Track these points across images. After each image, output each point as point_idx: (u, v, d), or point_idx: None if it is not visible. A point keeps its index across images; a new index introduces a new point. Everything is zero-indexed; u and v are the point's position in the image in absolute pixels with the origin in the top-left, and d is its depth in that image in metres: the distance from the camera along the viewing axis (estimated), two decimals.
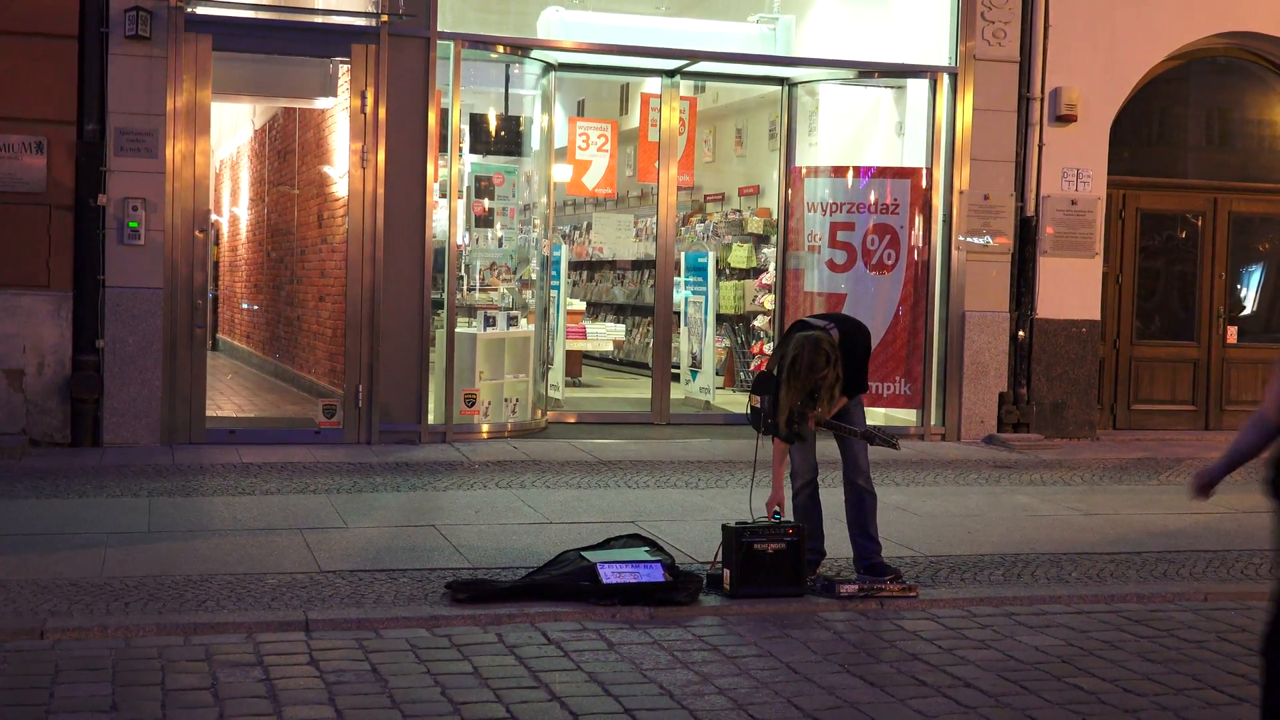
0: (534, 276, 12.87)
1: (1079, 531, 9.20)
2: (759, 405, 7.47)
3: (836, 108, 14.15)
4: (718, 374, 15.10)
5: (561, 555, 7.48)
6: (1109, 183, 13.28)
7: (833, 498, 7.85)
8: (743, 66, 13.79)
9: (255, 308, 19.15)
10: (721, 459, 11.45)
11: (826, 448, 7.77)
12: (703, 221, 17.81)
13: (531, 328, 12.72)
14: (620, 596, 6.90)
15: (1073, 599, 7.44)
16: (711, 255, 15.05)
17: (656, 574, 7.06)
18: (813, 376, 7.15)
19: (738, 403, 15.02)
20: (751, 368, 15.82)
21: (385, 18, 11.54)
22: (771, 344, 14.04)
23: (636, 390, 15.75)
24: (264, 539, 8.19)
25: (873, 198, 12.84)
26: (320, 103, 13.63)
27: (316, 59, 12.35)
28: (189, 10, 11.20)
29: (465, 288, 12.50)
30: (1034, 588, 7.64)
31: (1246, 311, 14.51)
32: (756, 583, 7.13)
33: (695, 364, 14.91)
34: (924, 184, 12.81)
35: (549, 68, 12.78)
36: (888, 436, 7.59)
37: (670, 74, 13.39)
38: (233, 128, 20.91)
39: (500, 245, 12.82)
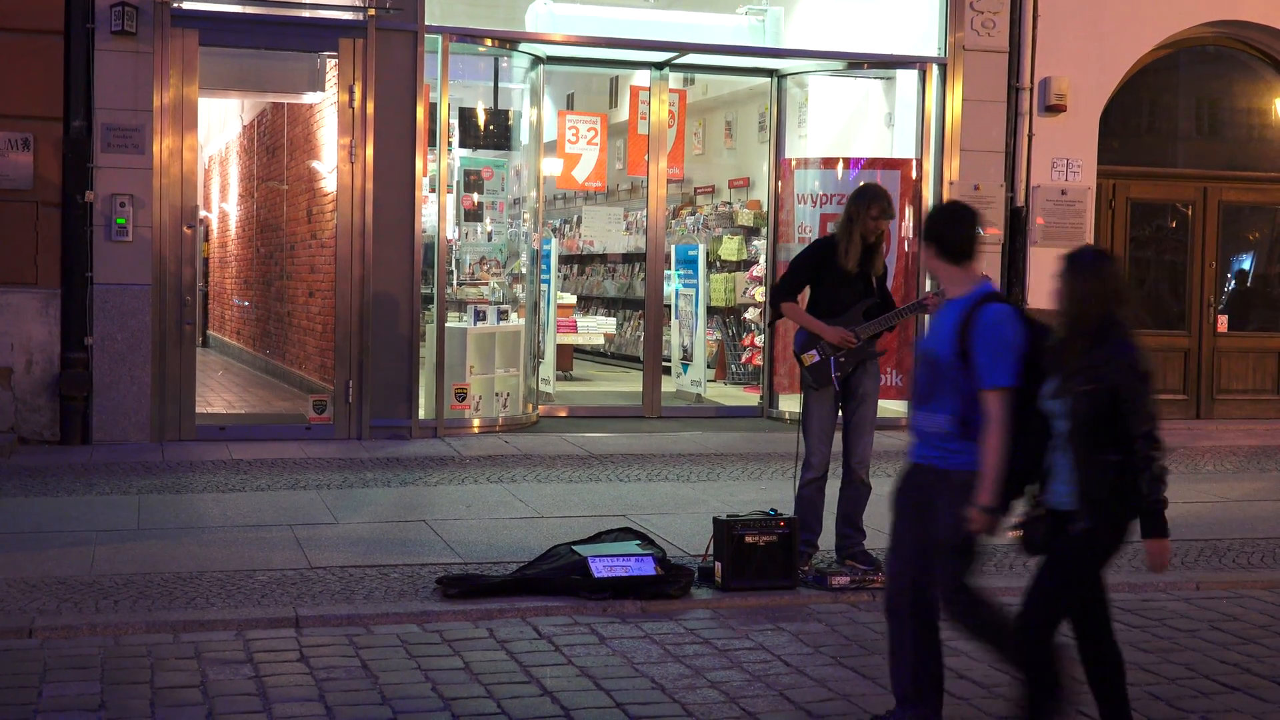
0: (524, 270, 12.84)
1: None
2: (815, 362, 7.46)
3: (826, 99, 14.13)
4: (709, 367, 15.08)
5: (553, 549, 7.47)
6: (1099, 172, 13.27)
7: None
8: (732, 58, 13.77)
9: (245, 304, 19.10)
10: (713, 452, 11.43)
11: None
12: (693, 214, 17.78)
13: (522, 322, 12.69)
14: (612, 590, 6.89)
15: None
16: (702, 248, 15.03)
17: (648, 567, 7.04)
18: (893, 209, 7.50)
19: (729, 396, 15.02)
20: (743, 360, 15.80)
21: (373, 11, 11.50)
22: (763, 336, 14.02)
23: (627, 384, 15.74)
24: (254, 535, 8.17)
25: (855, 189, 12.80)
26: (308, 98, 13.59)
27: (304, 54, 12.30)
28: (175, 5, 11.15)
29: (455, 282, 12.47)
30: (1025, 578, 7.60)
31: (1237, 300, 14.52)
32: (748, 575, 7.12)
33: (686, 357, 14.89)
34: (914, 175, 12.79)
35: (537, 61, 12.75)
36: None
37: (659, 66, 13.36)
38: (221, 123, 20.86)
39: (490, 239, 12.79)
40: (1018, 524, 4.90)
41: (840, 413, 7.60)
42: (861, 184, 7.89)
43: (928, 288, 12.71)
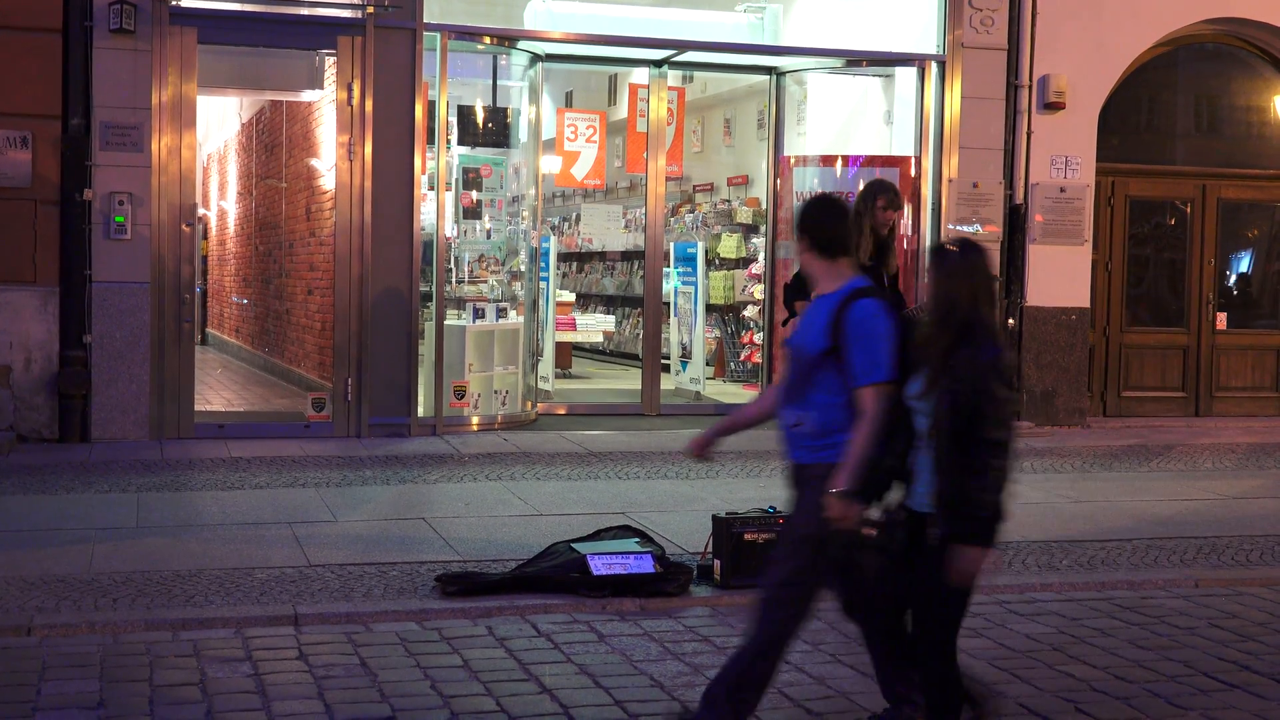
0: (523, 268, 12.83)
1: (1069, 519, 9.20)
2: None
3: (825, 97, 14.13)
4: (708, 364, 15.08)
5: (551, 547, 7.47)
6: (1098, 170, 13.27)
7: None
8: (730, 56, 13.76)
9: (244, 301, 19.10)
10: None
11: None
12: (691, 212, 17.77)
13: (521, 319, 12.68)
14: (610, 588, 6.89)
15: (1064, 586, 7.44)
16: (700, 245, 15.03)
17: (647, 565, 7.04)
18: (900, 201, 7.54)
19: (728, 393, 15.00)
20: (742, 358, 15.80)
21: (371, 9, 11.50)
22: (761, 334, 14.01)
23: (626, 381, 15.73)
24: (253, 533, 8.17)
25: (861, 187, 12.80)
26: (307, 95, 13.59)
27: (302, 51, 12.30)
28: (173, 3, 11.15)
29: (454, 280, 12.46)
30: (1025, 576, 7.64)
31: (1236, 298, 14.53)
32: (747, 573, 7.11)
33: (685, 354, 14.88)
34: (913, 172, 12.79)
35: (536, 58, 12.74)
36: None
37: (658, 64, 13.35)
38: (220, 121, 20.85)
39: (489, 237, 12.78)
40: (875, 523, 4.71)
41: None
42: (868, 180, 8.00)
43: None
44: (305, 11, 11.90)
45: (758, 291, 14.77)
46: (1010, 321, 12.97)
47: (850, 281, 4.90)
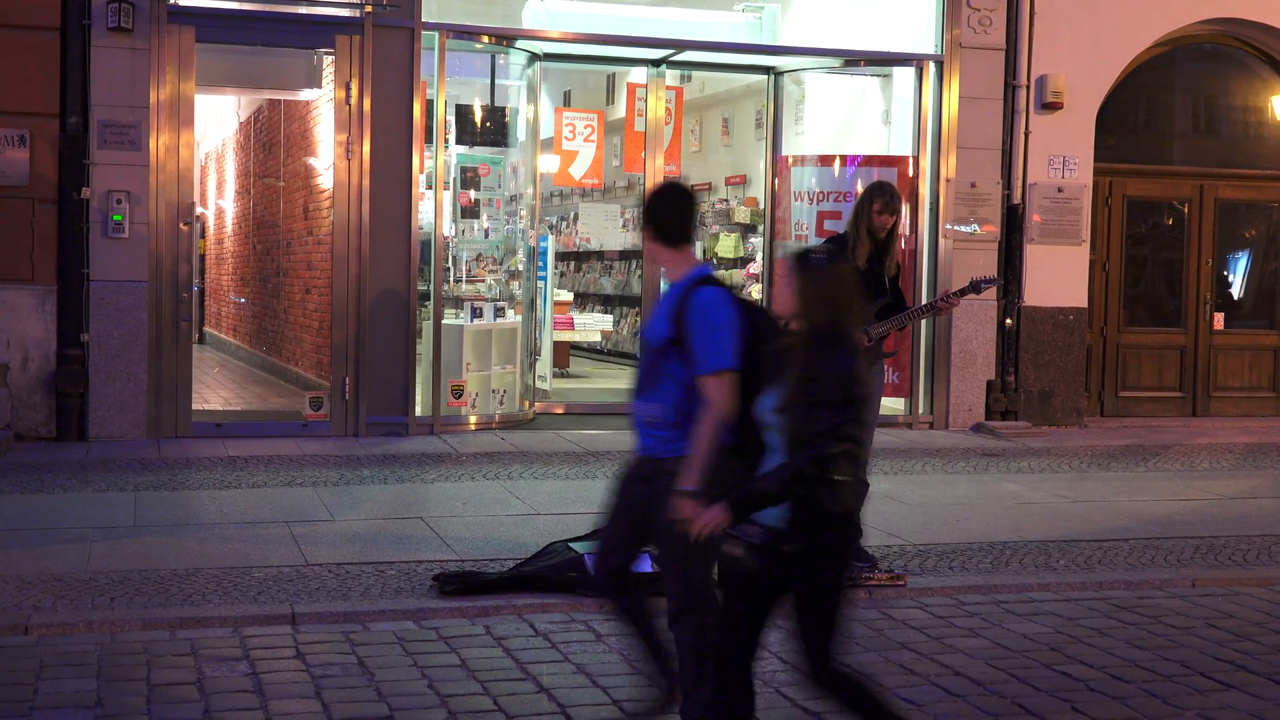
0: (521, 267, 12.83)
1: (1067, 519, 9.21)
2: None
3: (823, 97, 14.12)
4: None
5: (549, 546, 7.47)
6: (1096, 170, 13.27)
7: None
8: (729, 56, 13.75)
9: (241, 300, 19.10)
10: None
11: None
12: None
13: (519, 319, 12.68)
14: None
15: (1061, 586, 7.45)
16: (699, 245, 15.03)
17: (644, 565, 7.03)
18: (897, 204, 7.52)
19: None
20: None
21: (369, 8, 11.49)
22: None
23: (624, 381, 15.71)
24: (250, 532, 8.17)
25: (859, 187, 12.81)
26: (305, 94, 13.57)
27: (301, 50, 12.28)
28: (171, 2, 11.14)
29: (452, 279, 12.46)
30: (1022, 575, 7.64)
31: (1233, 298, 14.54)
32: None
33: None
34: (910, 172, 12.79)
35: (534, 58, 12.74)
36: (989, 278, 8.07)
37: (656, 64, 13.35)
38: (218, 120, 20.83)
39: (487, 236, 12.78)
40: (726, 540, 4.41)
41: None
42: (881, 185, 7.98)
43: (924, 279, 12.73)
44: (303, 10, 11.89)
45: (755, 291, 14.77)
46: (1008, 322, 12.98)
47: (694, 270, 4.85)
